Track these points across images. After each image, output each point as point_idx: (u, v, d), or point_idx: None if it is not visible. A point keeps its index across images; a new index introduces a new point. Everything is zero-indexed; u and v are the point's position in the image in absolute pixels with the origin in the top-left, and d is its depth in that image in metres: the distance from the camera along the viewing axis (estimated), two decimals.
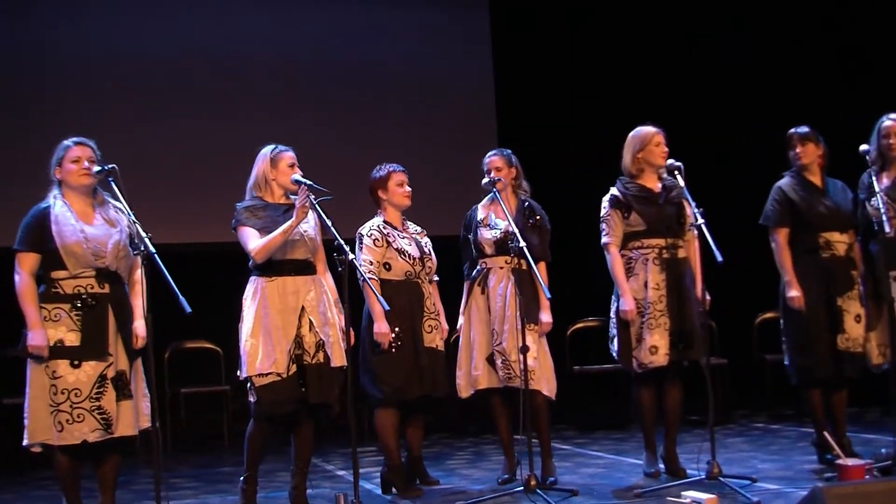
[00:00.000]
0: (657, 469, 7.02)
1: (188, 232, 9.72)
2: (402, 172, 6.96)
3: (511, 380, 6.82)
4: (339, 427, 8.06)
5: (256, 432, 6.23)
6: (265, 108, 10.65)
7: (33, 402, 5.63)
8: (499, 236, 6.91)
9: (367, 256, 6.72)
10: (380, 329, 6.63)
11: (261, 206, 6.22)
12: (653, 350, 6.81)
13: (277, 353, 6.02)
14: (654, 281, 6.84)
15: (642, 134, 7.00)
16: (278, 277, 6.12)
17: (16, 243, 5.71)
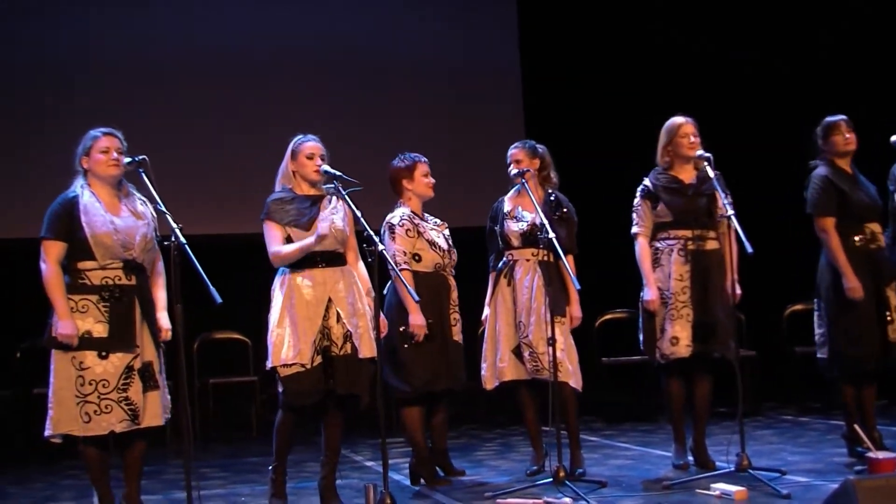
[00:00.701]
0: (686, 461, 7.00)
1: (218, 223, 9.74)
2: (426, 163, 6.95)
3: (539, 372, 6.81)
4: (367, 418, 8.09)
5: (284, 423, 6.23)
6: (293, 99, 10.66)
7: (58, 393, 5.63)
8: (525, 228, 6.90)
9: (399, 246, 6.70)
10: (416, 321, 6.61)
11: (289, 198, 6.20)
12: (674, 341, 6.79)
13: (302, 344, 6.01)
14: (677, 272, 6.82)
15: (671, 125, 6.98)
16: (307, 269, 6.11)
17: (42, 231, 5.67)
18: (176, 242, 5.29)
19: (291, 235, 6.11)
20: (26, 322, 8.82)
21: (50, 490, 7.52)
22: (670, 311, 6.82)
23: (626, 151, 10.38)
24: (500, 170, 7.14)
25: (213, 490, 7.09)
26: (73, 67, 10.24)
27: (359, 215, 5.87)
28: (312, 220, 6.12)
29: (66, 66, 10.23)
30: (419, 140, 8.99)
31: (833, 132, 7.02)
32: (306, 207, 6.16)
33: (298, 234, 6.09)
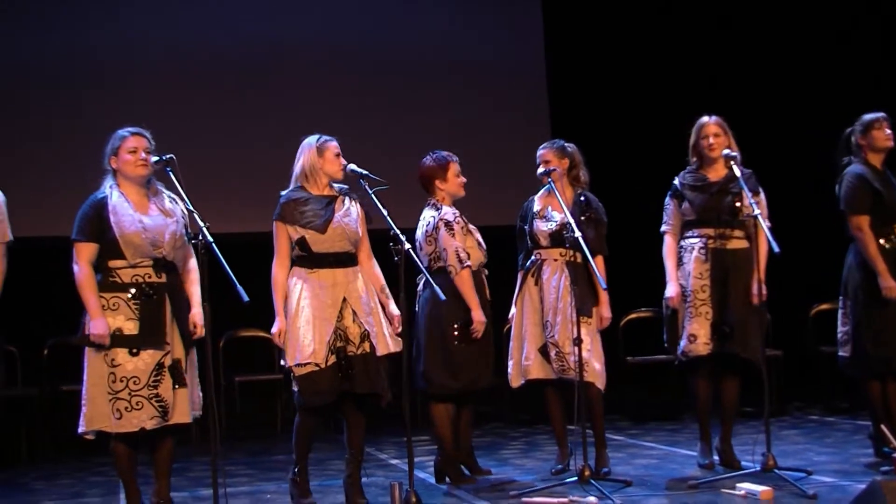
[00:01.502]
0: (711, 460, 6.99)
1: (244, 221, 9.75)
2: (457, 162, 6.96)
3: (565, 371, 6.82)
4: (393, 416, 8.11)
5: (302, 424, 6.26)
6: (315, 98, 10.66)
7: (91, 390, 5.69)
8: (554, 228, 6.89)
9: (459, 243, 6.72)
10: (481, 318, 6.67)
11: (304, 198, 6.21)
12: (691, 339, 6.80)
13: (316, 344, 6.04)
14: (696, 270, 6.84)
15: (696, 124, 7.00)
16: (319, 269, 6.15)
17: (73, 233, 5.74)
18: (203, 241, 5.32)
19: (306, 237, 6.14)
20: (53, 320, 8.92)
21: (77, 487, 7.57)
22: (689, 309, 6.84)
23: (654, 150, 10.39)
24: (525, 169, 7.14)
25: (239, 487, 7.12)
26: (102, 66, 10.27)
27: (385, 214, 5.88)
28: (328, 221, 6.15)
29: (94, 66, 10.26)
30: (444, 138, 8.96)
31: (874, 127, 6.97)
32: (321, 209, 6.18)
33: (314, 235, 6.13)
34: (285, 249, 6.21)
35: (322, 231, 6.11)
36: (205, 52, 10.58)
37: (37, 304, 9.43)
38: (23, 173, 9.55)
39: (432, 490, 6.73)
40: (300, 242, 6.15)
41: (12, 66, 10.06)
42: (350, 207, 6.26)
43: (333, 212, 6.17)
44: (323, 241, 6.13)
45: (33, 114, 10.08)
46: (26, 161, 9.84)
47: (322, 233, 6.11)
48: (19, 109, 10.04)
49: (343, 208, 6.23)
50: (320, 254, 6.15)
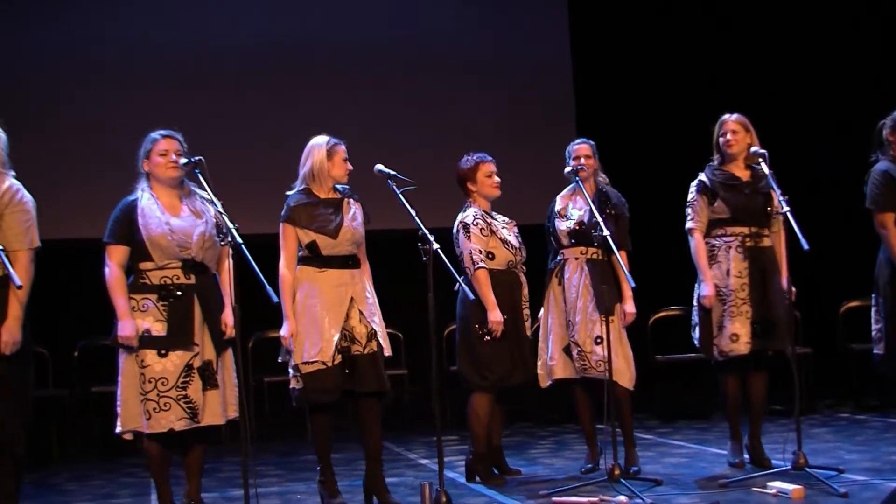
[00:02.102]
0: (742, 459, 6.97)
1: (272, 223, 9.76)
2: (490, 163, 6.94)
3: (587, 370, 6.84)
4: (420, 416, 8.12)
5: (315, 424, 6.28)
6: (342, 97, 10.68)
7: (124, 391, 5.74)
8: (572, 227, 6.91)
9: (474, 245, 6.72)
10: (495, 317, 6.64)
11: (313, 202, 6.23)
12: (734, 338, 6.77)
13: (323, 343, 6.07)
14: (736, 269, 6.81)
15: (718, 121, 6.98)
16: (328, 269, 6.17)
17: (105, 236, 5.80)
18: (232, 242, 5.34)
19: (317, 241, 6.15)
20: (84, 322, 8.98)
21: (109, 487, 7.61)
22: (730, 309, 6.80)
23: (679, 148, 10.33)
24: (550, 168, 7.12)
25: (268, 488, 7.14)
26: (132, 67, 10.32)
27: (413, 213, 5.89)
28: (339, 226, 6.17)
29: (124, 67, 10.30)
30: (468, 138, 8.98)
31: None
32: (331, 213, 6.20)
33: (325, 240, 6.14)
34: (293, 251, 6.22)
35: (334, 236, 6.14)
36: (233, 52, 10.60)
37: (67, 307, 9.49)
38: (54, 176, 9.60)
39: (462, 490, 6.72)
40: (310, 246, 6.17)
41: (42, 68, 10.12)
42: (355, 211, 6.28)
43: (343, 217, 6.20)
44: (334, 246, 6.15)
45: (65, 117, 10.13)
46: (58, 164, 9.89)
47: (334, 238, 6.14)
48: (51, 113, 10.09)
49: (350, 212, 6.24)
50: (327, 256, 6.17)
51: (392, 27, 11.10)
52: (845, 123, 10.56)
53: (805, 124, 11.19)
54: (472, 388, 6.82)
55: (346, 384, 6.10)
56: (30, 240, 5.41)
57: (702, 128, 7.14)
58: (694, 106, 10.75)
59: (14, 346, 5.30)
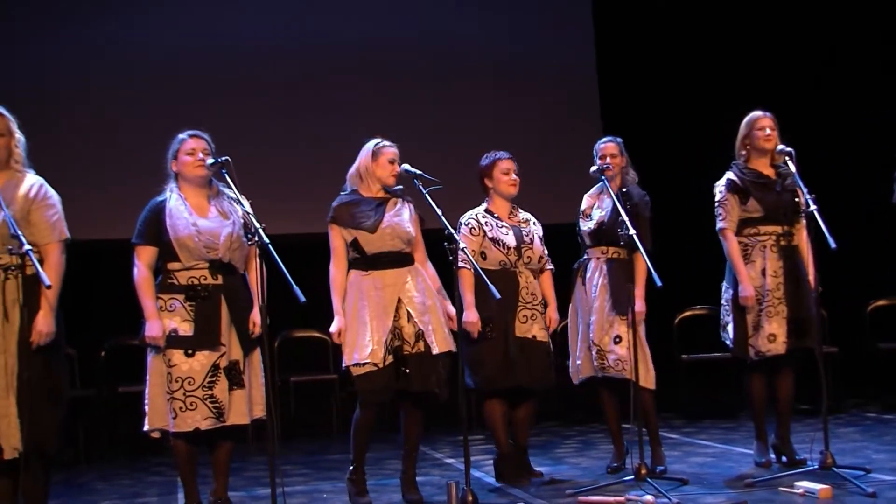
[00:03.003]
0: (768, 459, 6.96)
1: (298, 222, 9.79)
2: (508, 160, 6.91)
3: (605, 369, 6.84)
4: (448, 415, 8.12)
5: (361, 419, 6.29)
6: (368, 96, 10.70)
7: (152, 390, 5.78)
8: (593, 227, 6.91)
9: (463, 245, 6.71)
10: (468, 318, 6.59)
11: (355, 200, 6.29)
12: (771, 338, 6.74)
13: (374, 344, 6.10)
14: (772, 268, 6.78)
15: (749, 117, 6.95)
16: (374, 271, 6.21)
17: (133, 237, 5.86)
18: (259, 242, 5.35)
19: (358, 238, 6.21)
20: (111, 322, 9.01)
21: (136, 486, 7.64)
22: (766, 308, 6.77)
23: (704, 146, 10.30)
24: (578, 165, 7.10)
25: (295, 487, 7.15)
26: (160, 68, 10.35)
27: (439, 213, 5.90)
28: (377, 223, 6.21)
29: (148, 68, 10.34)
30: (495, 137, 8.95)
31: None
32: (372, 210, 6.24)
33: (365, 236, 6.19)
34: (341, 251, 6.28)
35: (372, 231, 6.17)
36: (260, 53, 10.63)
37: (94, 307, 9.54)
38: (83, 177, 9.64)
39: (488, 489, 6.73)
40: (354, 244, 6.22)
41: (70, 69, 10.17)
42: (402, 209, 6.30)
43: (384, 213, 6.23)
44: (374, 241, 6.18)
45: (93, 118, 10.17)
46: (86, 165, 9.93)
47: (372, 233, 6.17)
48: (79, 113, 10.14)
49: (394, 209, 6.28)
50: (374, 254, 6.20)
51: (418, 28, 11.10)
52: (871, 120, 10.52)
53: (831, 120, 11.13)
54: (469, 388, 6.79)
55: (399, 384, 6.14)
56: (59, 232, 5.50)
57: (728, 125, 7.11)
58: (719, 103, 10.70)
59: (48, 337, 5.34)
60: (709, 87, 11.39)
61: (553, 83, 11.34)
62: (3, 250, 5.26)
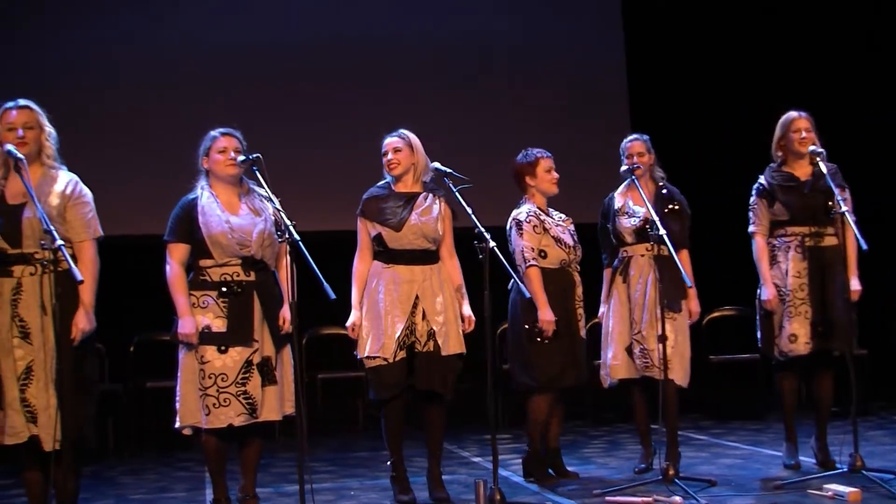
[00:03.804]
0: (797, 461, 6.93)
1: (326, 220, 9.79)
2: (549, 158, 6.91)
3: (648, 368, 6.79)
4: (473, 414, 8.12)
5: (385, 419, 6.33)
6: (397, 94, 10.70)
7: (183, 386, 5.79)
8: (638, 224, 6.85)
9: (526, 242, 6.68)
10: (546, 316, 6.59)
11: (384, 195, 6.33)
12: (792, 338, 6.73)
13: (386, 339, 6.13)
14: (794, 269, 6.76)
15: (784, 119, 6.92)
16: (396, 265, 6.23)
17: (166, 234, 5.88)
18: (290, 239, 5.36)
19: (382, 234, 6.23)
20: (139, 317, 9.05)
21: (164, 481, 7.66)
22: (788, 309, 6.77)
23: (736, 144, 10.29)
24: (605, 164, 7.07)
25: (322, 484, 7.15)
26: (188, 66, 10.38)
27: (469, 212, 5.90)
28: (403, 221, 6.23)
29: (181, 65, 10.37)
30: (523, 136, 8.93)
31: None
32: (399, 206, 6.26)
33: (389, 233, 6.22)
34: (366, 244, 6.32)
35: (397, 229, 6.21)
36: (285, 50, 10.65)
37: (123, 302, 9.56)
38: (113, 173, 9.65)
39: (515, 488, 6.72)
40: (377, 238, 6.25)
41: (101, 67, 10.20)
42: (432, 205, 6.30)
43: (411, 210, 6.24)
44: (398, 239, 6.21)
45: (124, 114, 10.20)
46: (116, 161, 9.95)
47: (397, 231, 6.21)
48: (111, 110, 10.16)
49: (423, 206, 6.28)
50: (396, 250, 6.23)
51: (447, 26, 11.09)
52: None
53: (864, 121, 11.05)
54: (523, 388, 6.78)
55: (409, 381, 6.16)
56: (93, 230, 5.55)
57: (759, 123, 7.08)
58: (750, 101, 10.71)
59: (86, 334, 5.39)
60: (741, 83, 11.32)
61: (582, 81, 11.30)
62: (36, 245, 5.30)
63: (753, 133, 7.26)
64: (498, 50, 11.17)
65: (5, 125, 5.46)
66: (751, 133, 7.37)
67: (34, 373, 5.34)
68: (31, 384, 5.34)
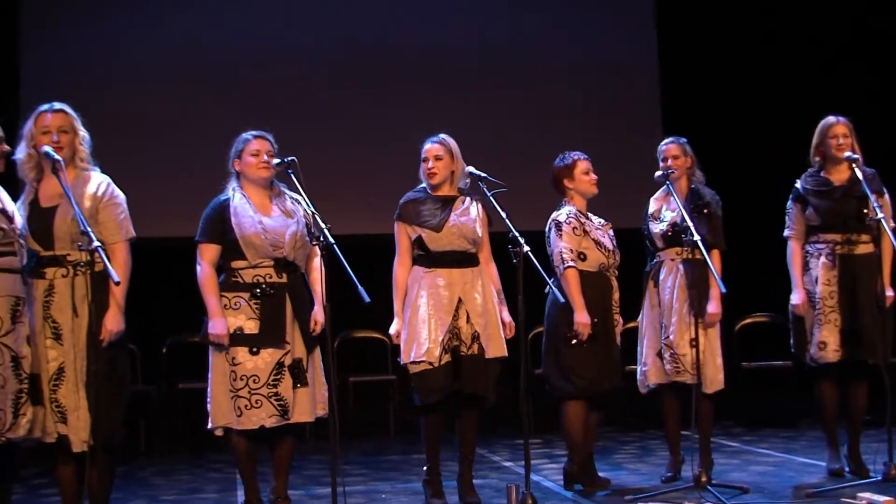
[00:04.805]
0: (841, 466, 6.89)
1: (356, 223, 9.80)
2: (586, 160, 6.88)
3: (679, 373, 6.75)
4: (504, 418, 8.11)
5: (426, 424, 6.32)
6: (432, 99, 10.71)
7: (215, 388, 5.81)
8: (665, 229, 6.83)
9: (565, 244, 6.65)
10: (582, 319, 6.54)
11: (422, 198, 6.32)
12: (821, 346, 6.71)
13: (430, 343, 6.11)
14: (825, 277, 6.74)
15: (822, 124, 6.90)
16: (437, 269, 6.22)
17: (197, 235, 5.89)
18: (325, 242, 5.37)
19: (423, 236, 6.22)
20: (171, 318, 9.09)
21: (195, 482, 7.69)
22: (818, 316, 6.75)
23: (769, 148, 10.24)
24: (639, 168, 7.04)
25: (354, 487, 7.15)
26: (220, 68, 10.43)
27: (503, 216, 5.89)
28: (443, 222, 6.22)
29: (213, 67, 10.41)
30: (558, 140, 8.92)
31: None
32: (438, 208, 6.25)
33: (430, 234, 6.21)
34: (406, 248, 6.31)
35: (437, 230, 6.19)
36: (322, 55, 10.68)
37: (155, 304, 9.61)
38: (144, 176, 9.70)
39: (547, 493, 6.72)
40: (418, 241, 6.25)
41: (133, 69, 10.26)
42: (470, 207, 6.30)
43: (450, 212, 6.24)
44: (439, 240, 6.19)
45: (155, 117, 10.25)
46: (148, 164, 10.00)
47: (437, 231, 6.19)
48: (142, 113, 10.21)
49: (461, 208, 6.28)
50: (438, 252, 6.22)
51: (477, 30, 11.09)
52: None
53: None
54: (558, 393, 6.77)
55: (455, 385, 6.15)
56: (125, 231, 5.57)
57: (792, 128, 7.05)
58: (786, 104, 10.63)
59: (117, 335, 5.42)
60: (773, 87, 11.24)
61: (615, 85, 11.27)
62: (72, 247, 5.34)
63: (788, 137, 7.23)
64: (531, 54, 11.16)
65: (40, 128, 5.50)
66: (785, 137, 7.33)
67: (65, 374, 5.37)
68: (61, 385, 5.37)
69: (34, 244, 5.42)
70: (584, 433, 6.76)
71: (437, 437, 6.32)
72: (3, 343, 5.18)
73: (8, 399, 5.17)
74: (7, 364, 5.18)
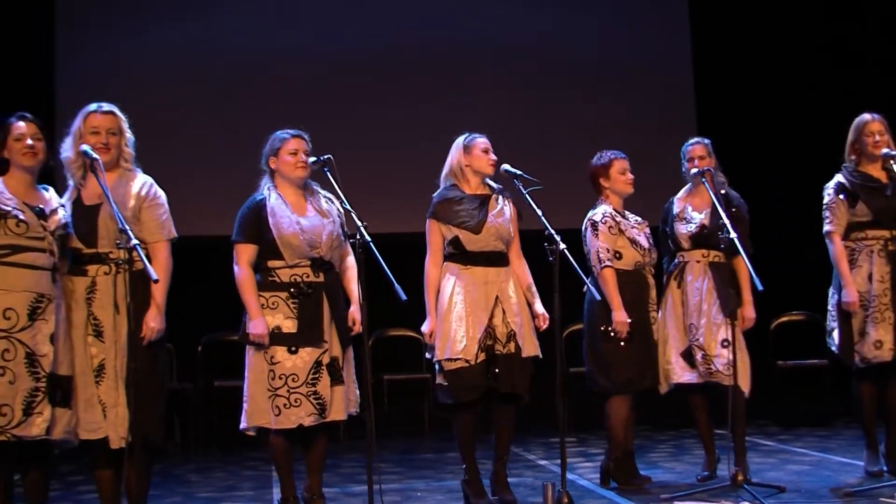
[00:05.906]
0: (881, 467, 6.83)
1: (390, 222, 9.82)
2: (623, 159, 6.88)
3: (712, 374, 6.72)
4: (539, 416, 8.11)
5: (458, 422, 6.30)
6: (466, 97, 10.70)
7: (252, 387, 5.82)
8: (694, 230, 6.81)
9: (602, 243, 6.66)
10: (620, 317, 6.57)
11: (458, 197, 6.28)
12: (878, 345, 6.63)
13: (468, 340, 6.10)
14: (879, 273, 6.67)
15: (858, 121, 6.83)
16: (473, 266, 6.21)
17: (234, 235, 5.89)
18: (361, 241, 5.38)
19: (460, 237, 6.21)
20: (208, 317, 9.13)
21: (231, 480, 7.73)
22: (873, 314, 6.66)
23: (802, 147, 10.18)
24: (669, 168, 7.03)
25: (388, 485, 7.15)
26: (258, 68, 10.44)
27: (539, 214, 5.88)
28: (482, 222, 6.21)
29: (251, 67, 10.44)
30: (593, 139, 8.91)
31: None
32: (475, 208, 6.24)
33: (468, 235, 6.19)
34: (438, 247, 6.29)
35: (476, 231, 6.18)
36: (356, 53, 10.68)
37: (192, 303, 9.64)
38: (182, 175, 9.72)
39: (582, 491, 6.71)
40: (454, 241, 6.23)
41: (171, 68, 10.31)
42: (504, 207, 6.30)
43: (487, 212, 6.23)
44: (477, 241, 6.19)
45: (194, 116, 10.29)
46: (186, 163, 10.03)
47: (476, 233, 6.18)
48: (180, 112, 10.25)
49: (497, 208, 6.28)
50: (473, 252, 6.21)
51: (508, 29, 11.07)
52: None
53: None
54: (599, 391, 6.76)
55: (490, 383, 6.14)
56: (167, 231, 5.61)
57: (825, 127, 7.01)
58: (819, 103, 10.57)
59: (158, 334, 5.46)
60: (807, 86, 11.17)
61: (650, 84, 11.23)
62: (111, 245, 5.37)
63: (824, 134, 7.18)
64: (566, 54, 11.12)
65: (89, 128, 5.54)
66: (821, 134, 7.28)
67: (105, 371, 5.40)
68: (102, 382, 5.40)
69: (77, 242, 5.45)
70: (626, 430, 6.76)
71: (471, 437, 6.31)
72: (18, 339, 5.18)
73: (18, 396, 5.16)
74: (20, 360, 5.17)
